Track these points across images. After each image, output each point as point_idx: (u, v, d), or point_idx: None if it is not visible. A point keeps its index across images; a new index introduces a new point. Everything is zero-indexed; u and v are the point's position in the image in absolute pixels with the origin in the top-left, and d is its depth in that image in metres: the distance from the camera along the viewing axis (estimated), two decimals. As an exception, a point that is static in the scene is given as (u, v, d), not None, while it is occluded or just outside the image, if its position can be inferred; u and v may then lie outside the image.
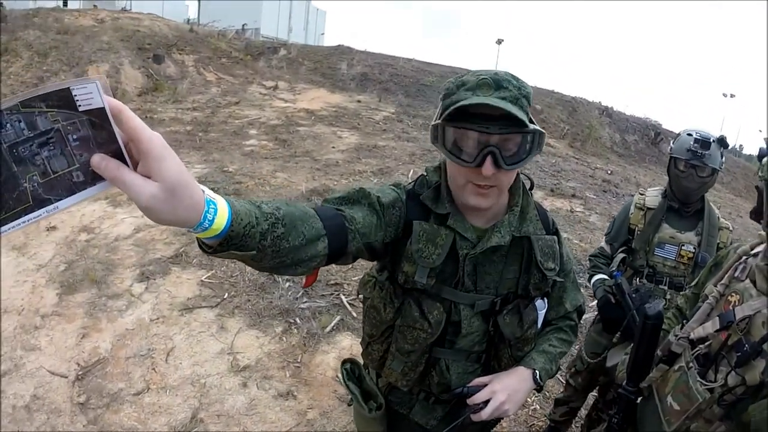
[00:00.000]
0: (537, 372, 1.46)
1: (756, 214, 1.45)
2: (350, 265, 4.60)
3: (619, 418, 1.72)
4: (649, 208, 2.63)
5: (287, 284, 4.32)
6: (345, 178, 7.33)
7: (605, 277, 2.61)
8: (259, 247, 0.90)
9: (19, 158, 0.63)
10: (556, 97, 16.36)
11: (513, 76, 1.25)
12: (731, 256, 1.62)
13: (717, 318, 1.47)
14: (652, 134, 16.88)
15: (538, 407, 3.39)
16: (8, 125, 0.62)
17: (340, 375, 1.68)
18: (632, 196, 2.86)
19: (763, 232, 1.48)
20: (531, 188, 1.52)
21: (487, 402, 1.38)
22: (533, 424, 3.28)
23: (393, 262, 1.41)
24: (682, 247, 2.50)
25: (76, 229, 5.10)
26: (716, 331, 1.46)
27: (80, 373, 3.33)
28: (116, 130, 0.68)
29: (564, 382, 3.09)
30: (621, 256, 2.68)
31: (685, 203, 2.55)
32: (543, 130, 1.26)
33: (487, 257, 1.39)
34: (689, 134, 2.48)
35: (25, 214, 0.66)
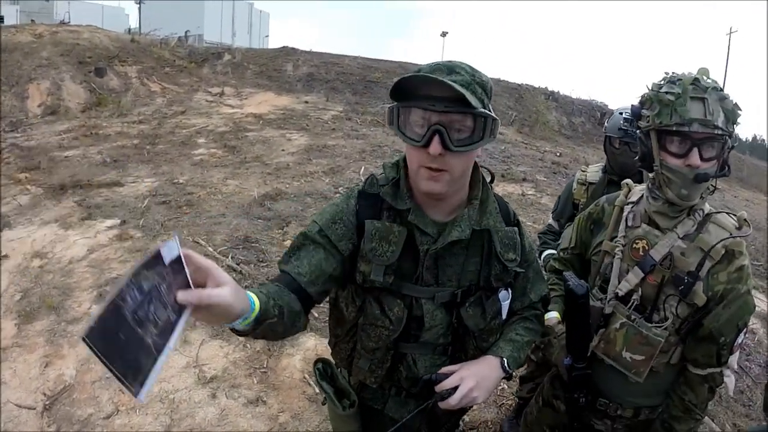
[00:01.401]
0: (505, 360, 1.45)
1: (642, 162, 1.62)
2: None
3: (578, 392, 1.76)
4: (590, 183, 2.79)
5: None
6: (297, 180, 7.33)
7: (554, 251, 2.68)
8: (275, 329, 1.21)
9: (139, 321, 0.78)
10: (503, 85, 16.60)
11: (470, 66, 1.29)
12: (608, 210, 1.79)
13: (636, 268, 1.62)
14: (598, 115, 17.20)
15: (506, 387, 3.49)
16: (127, 297, 0.76)
17: (313, 375, 1.70)
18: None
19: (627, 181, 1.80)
20: (491, 181, 1.54)
21: (455, 389, 1.35)
22: (502, 404, 3.38)
23: (351, 264, 1.42)
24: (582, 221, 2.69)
25: (28, 255, 4.99)
26: (642, 279, 1.62)
27: (47, 402, 3.29)
28: (187, 268, 0.90)
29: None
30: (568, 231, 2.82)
31: (623, 177, 2.69)
32: (495, 116, 1.28)
33: (447, 251, 1.41)
34: (620, 113, 2.66)
35: (154, 366, 0.80)
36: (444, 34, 34.67)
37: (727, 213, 1.62)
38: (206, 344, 3.70)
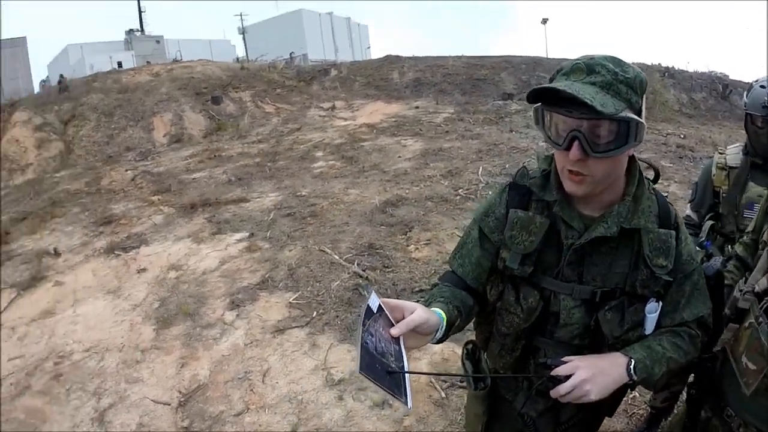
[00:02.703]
0: (632, 361, 1.32)
1: None
2: (433, 271, 4.66)
3: (697, 388, 1.63)
4: (731, 168, 2.43)
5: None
6: (416, 185, 7.33)
7: (696, 248, 2.47)
8: (460, 326, 1.38)
9: (381, 354, 1.05)
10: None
11: (614, 61, 1.21)
12: None
13: None
14: (720, 88, 15.88)
15: (638, 395, 3.26)
16: (367, 340, 1.03)
17: (461, 354, 1.72)
18: (710, 157, 2.67)
19: None
20: (656, 179, 1.45)
21: (568, 378, 1.29)
22: (633, 413, 3.16)
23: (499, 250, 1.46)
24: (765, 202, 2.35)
25: (165, 268, 5.32)
26: None
27: (182, 399, 3.47)
28: (386, 311, 1.13)
29: None
30: (709, 223, 2.50)
31: None
32: (640, 120, 1.21)
33: (594, 248, 1.36)
34: (762, 86, 2.27)
35: (404, 382, 1.08)
36: (544, 21, 33.50)
37: None
38: (334, 348, 3.77)
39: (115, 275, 5.41)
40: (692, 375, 1.71)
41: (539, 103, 1.25)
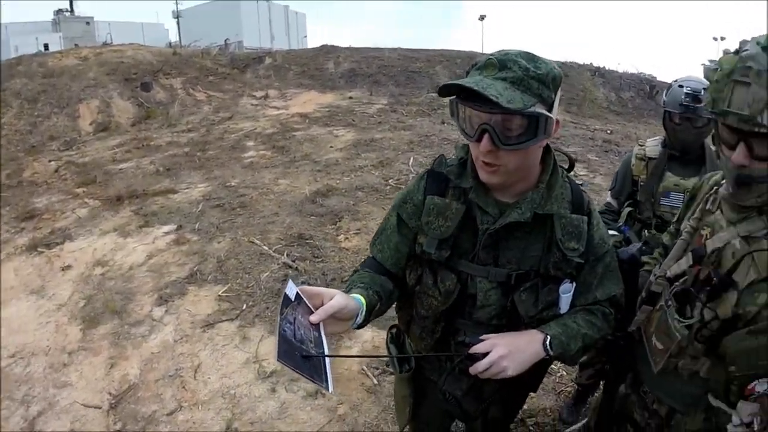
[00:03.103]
0: (548, 337, 1.38)
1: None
2: (362, 260, 4.66)
3: (612, 366, 1.74)
4: (650, 158, 2.62)
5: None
6: (346, 175, 7.36)
7: (614, 232, 2.59)
8: (381, 310, 1.45)
9: (301, 341, 1.09)
10: (547, 65, 16.25)
11: (527, 57, 1.25)
12: (704, 187, 1.57)
13: (690, 253, 1.44)
14: (648, 88, 16.70)
15: (565, 374, 3.41)
16: (285, 328, 1.06)
17: (386, 338, 1.77)
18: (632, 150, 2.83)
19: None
20: (570, 168, 1.53)
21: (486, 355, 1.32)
22: (561, 390, 3.30)
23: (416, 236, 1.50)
24: (688, 194, 2.51)
25: (90, 264, 5.16)
26: (690, 266, 1.43)
27: (113, 401, 3.38)
28: (305, 297, 1.16)
29: None
30: (627, 210, 2.67)
31: (685, 152, 2.53)
32: (549, 114, 1.25)
33: (509, 233, 1.41)
34: (680, 85, 2.45)
35: (325, 367, 1.12)
36: (482, 18, 34.10)
37: None
38: (265, 340, 3.76)
39: (39, 274, 5.21)
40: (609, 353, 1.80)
41: (454, 96, 1.29)
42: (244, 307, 4.18)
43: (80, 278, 4.94)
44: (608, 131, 11.13)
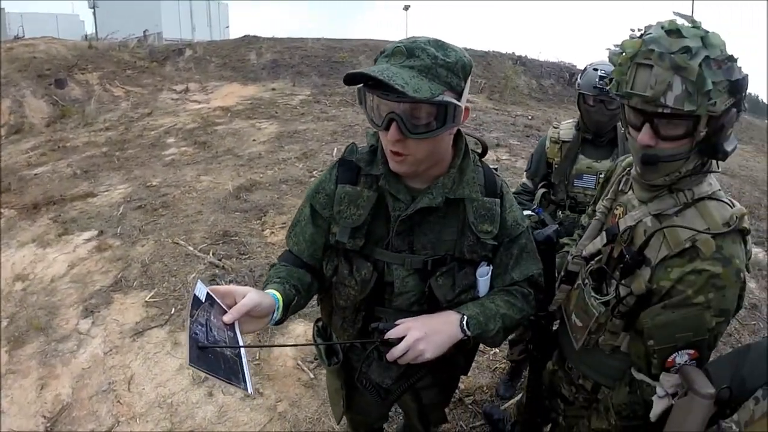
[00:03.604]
0: (465, 317, 1.38)
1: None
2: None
3: (535, 343, 1.80)
4: (564, 141, 2.68)
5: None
6: (270, 168, 7.30)
7: (530, 212, 2.64)
8: (299, 303, 1.43)
9: (214, 342, 1.06)
10: (469, 53, 16.50)
11: (436, 44, 1.25)
12: (617, 169, 1.63)
13: (604, 232, 1.49)
14: (567, 76, 17.22)
15: (498, 351, 3.52)
16: (197, 331, 1.03)
17: (312, 331, 1.79)
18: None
19: None
20: (484, 153, 1.54)
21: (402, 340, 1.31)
22: (496, 368, 3.43)
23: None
24: (600, 176, 2.58)
25: (10, 279, 4.93)
26: (604, 245, 1.48)
27: (48, 425, 3.27)
28: (216, 298, 1.14)
29: None
30: (542, 191, 2.74)
31: (598, 135, 2.60)
32: (457, 103, 1.26)
33: (422, 218, 1.42)
34: (595, 69, 2.51)
35: (242, 367, 1.09)
36: (407, 8, 34.18)
37: (728, 203, 1.33)
38: (197, 343, 3.71)
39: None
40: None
41: (361, 84, 1.26)
42: (173, 311, 4.12)
43: (0, 296, 4.71)
44: (529, 117, 11.48)
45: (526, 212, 2.65)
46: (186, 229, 5.43)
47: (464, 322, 1.37)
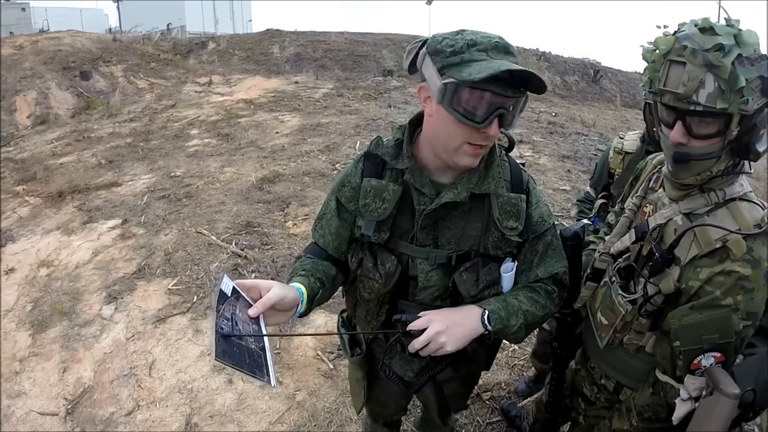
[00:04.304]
0: (486, 312, 1.37)
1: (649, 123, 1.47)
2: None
3: (559, 341, 1.77)
4: (627, 152, 2.61)
5: (253, 275, 4.38)
6: (293, 161, 7.32)
7: (587, 221, 2.60)
8: (324, 296, 1.44)
9: (239, 337, 1.08)
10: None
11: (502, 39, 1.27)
12: (648, 167, 1.61)
13: (633, 230, 1.47)
14: (592, 73, 17.12)
15: (518, 348, 3.49)
16: (222, 325, 1.05)
17: (329, 326, 1.80)
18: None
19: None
20: (510, 148, 1.52)
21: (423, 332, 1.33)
22: (515, 364, 3.40)
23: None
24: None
25: (35, 265, 5.01)
26: (633, 243, 1.46)
27: (69, 407, 3.32)
28: (242, 292, 1.15)
29: None
30: (600, 202, 2.69)
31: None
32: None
33: (447, 213, 1.42)
34: None
35: (266, 361, 1.11)
36: (429, 2, 33.95)
37: (759, 205, 1.31)
38: (218, 331, 3.74)
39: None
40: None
41: (451, 80, 1.21)
42: (195, 299, 4.15)
43: (25, 281, 4.79)
44: (553, 114, 11.36)
45: (584, 221, 2.59)
46: (209, 219, 5.47)
47: (485, 317, 1.37)
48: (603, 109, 13.83)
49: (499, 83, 1.18)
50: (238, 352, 1.07)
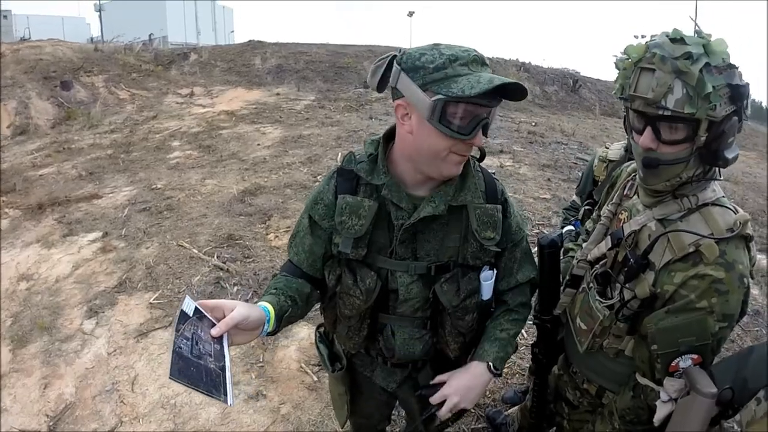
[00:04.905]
0: (491, 364, 1.50)
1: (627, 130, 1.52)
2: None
3: (540, 347, 1.79)
4: (611, 161, 2.68)
5: (235, 288, 4.36)
6: (274, 173, 7.31)
7: (570, 228, 2.67)
8: (296, 314, 1.44)
9: (198, 356, 1.10)
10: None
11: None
12: (623, 174, 1.65)
13: (609, 236, 1.51)
14: (571, 83, 17.33)
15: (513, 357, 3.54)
16: (181, 345, 1.08)
17: (314, 338, 1.80)
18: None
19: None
20: (482, 158, 1.55)
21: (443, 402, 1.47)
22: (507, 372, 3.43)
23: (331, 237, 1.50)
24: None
25: (14, 279, 4.95)
26: (609, 249, 1.50)
27: (51, 424, 3.28)
28: (205, 312, 1.14)
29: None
30: (585, 208, 2.74)
31: None
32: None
33: (426, 226, 1.43)
34: None
35: (224, 380, 1.09)
36: (411, 14, 34.24)
37: (731, 209, 1.34)
38: (200, 345, 3.71)
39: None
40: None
41: (438, 97, 1.23)
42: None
43: (5, 295, 4.73)
44: (533, 123, 11.48)
45: (567, 228, 2.67)
46: (191, 232, 5.44)
47: (491, 366, 1.51)
48: (582, 118, 14.05)
49: (485, 95, 1.21)
50: (195, 371, 1.09)
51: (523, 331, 2.60)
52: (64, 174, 8.11)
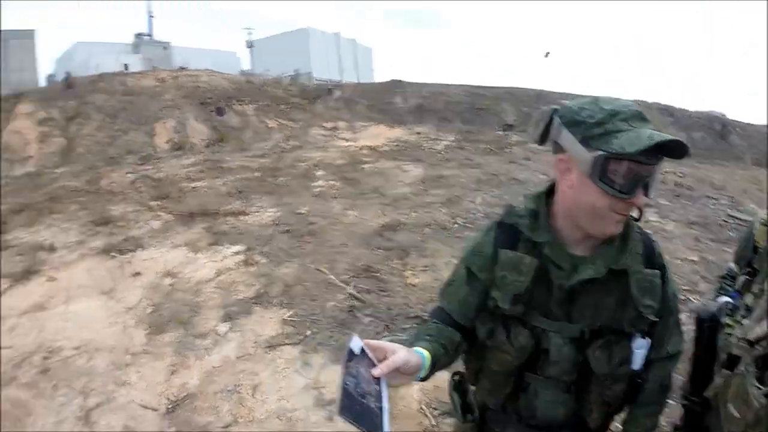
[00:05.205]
0: None
1: None
2: (429, 298, 4.60)
3: (685, 430, 1.65)
4: None
5: (368, 320, 4.38)
6: (414, 210, 7.34)
7: (727, 299, 2.40)
8: (445, 362, 1.40)
9: (362, 395, 1.09)
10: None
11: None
12: None
13: None
14: (718, 127, 16.14)
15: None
16: (348, 382, 1.07)
17: (447, 385, 1.74)
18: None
19: None
20: (639, 218, 1.46)
21: None
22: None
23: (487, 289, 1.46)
24: None
25: (160, 274, 5.29)
26: None
27: (170, 406, 3.44)
28: (369, 352, 1.16)
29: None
30: (744, 278, 2.45)
31: None
32: None
33: (584, 288, 1.38)
34: None
35: (383, 420, 1.10)
36: (547, 55, 33.87)
37: None
38: (326, 368, 3.74)
39: (110, 276, 5.36)
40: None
41: (599, 153, 1.21)
42: (308, 333, 4.19)
43: (150, 286, 5.07)
44: (680, 174, 10.71)
45: (724, 298, 2.42)
46: (330, 259, 5.55)
47: None
48: (732, 168, 12.86)
49: (645, 152, 1.17)
50: (360, 409, 1.09)
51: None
52: (215, 189, 8.64)
